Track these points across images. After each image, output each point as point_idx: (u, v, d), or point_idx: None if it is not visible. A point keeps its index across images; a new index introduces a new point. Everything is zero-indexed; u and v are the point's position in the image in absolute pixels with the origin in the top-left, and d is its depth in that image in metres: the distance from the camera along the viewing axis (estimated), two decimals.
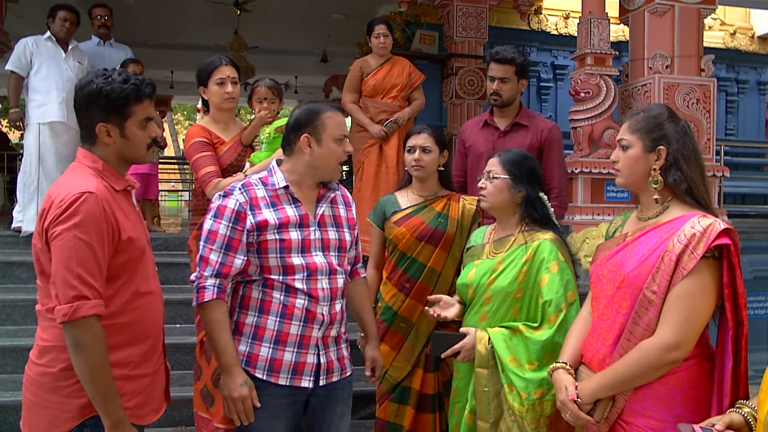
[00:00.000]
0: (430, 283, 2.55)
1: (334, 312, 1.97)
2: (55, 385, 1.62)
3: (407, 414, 2.57)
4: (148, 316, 1.75)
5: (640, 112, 1.76)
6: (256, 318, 1.92)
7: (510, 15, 7.06)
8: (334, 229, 2.02)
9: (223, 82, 2.75)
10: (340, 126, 1.98)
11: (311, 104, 2.01)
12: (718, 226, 1.55)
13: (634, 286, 1.63)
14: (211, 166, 2.66)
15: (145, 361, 1.74)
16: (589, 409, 1.68)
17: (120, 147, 1.72)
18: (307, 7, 8.48)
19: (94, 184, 1.62)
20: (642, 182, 1.72)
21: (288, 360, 1.90)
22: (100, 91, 1.65)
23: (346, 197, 2.14)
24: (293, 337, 1.90)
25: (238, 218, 1.88)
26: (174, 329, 3.85)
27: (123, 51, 5.37)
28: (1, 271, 4.22)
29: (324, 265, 1.95)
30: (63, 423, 1.62)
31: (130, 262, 1.69)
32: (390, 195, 2.72)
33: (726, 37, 7.89)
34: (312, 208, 2.00)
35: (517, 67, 2.93)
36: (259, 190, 1.94)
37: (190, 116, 25.56)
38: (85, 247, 1.55)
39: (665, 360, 1.56)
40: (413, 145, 2.57)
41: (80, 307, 1.53)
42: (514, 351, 2.02)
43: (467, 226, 2.58)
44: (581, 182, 4.56)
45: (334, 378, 2.00)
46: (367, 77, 4.41)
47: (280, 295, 1.90)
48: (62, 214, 1.56)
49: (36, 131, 4.56)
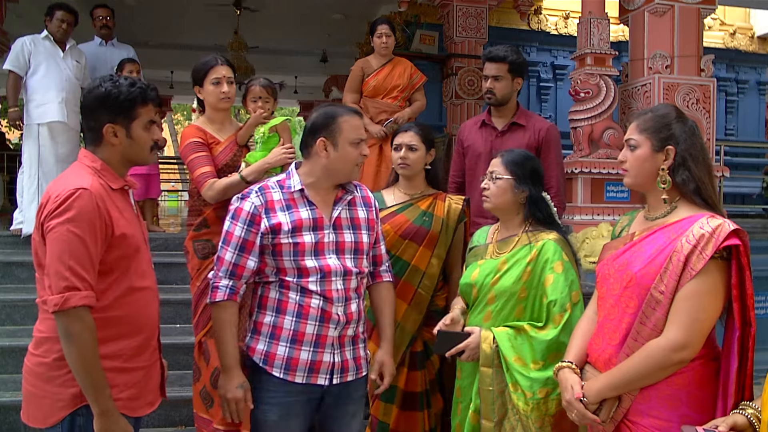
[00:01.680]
0: (414, 281, 2.56)
1: (350, 312, 1.98)
2: (49, 375, 1.69)
3: (393, 413, 2.58)
4: (142, 311, 1.80)
5: (648, 112, 1.76)
6: (274, 318, 1.95)
7: (510, 15, 7.06)
8: (350, 231, 2.02)
9: (219, 82, 2.73)
10: (357, 129, 1.98)
11: (328, 107, 2.03)
12: (727, 227, 1.55)
13: (642, 286, 1.62)
14: (207, 166, 2.66)
15: (138, 354, 1.79)
16: (594, 408, 1.68)
17: (125, 148, 1.79)
18: (307, 7, 8.47)
19: (90, 181, 1.69)
20: (650, 182, 1.72)
21: (304, 359, 1.92)
22: (109, 94, 1.73)
23: (368, 198, 2.14)
24: (309, 337, 1.92)
25: (252, 221, 1.92)
26: (174, 329, 3.85)
27: (125, 51, 5.35)
28: (1, 271, 4.22)
29: (338, 267, 1.95)
30: (57, 411, 1.68)
31: (123, 257, 1.74)
32: (377, 193, 2.71)
33: (726, 37, 7.90)
34: (328, 211, 2.00)
35: (510, 65, 2.94)
36: (275, 193, 1.97)
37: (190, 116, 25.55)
38: (77, 240, 1.61)
39: (672, 360, 1.56)
40: (400, 143, 2.58)
41: (71, 297, 1.59)
42: (519, 350, 2.02)
43: (453, 225, 2.59)
44: (581, 182, 4.56)
45: (350, 377, 2.01)
46: (369, 77, 4.41)
47: (296, 296, 1.93)
48: (57, 208, 1.62)
49: (35, 131, 4.54)
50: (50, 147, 4.53)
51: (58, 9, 4.68)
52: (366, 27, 5.40)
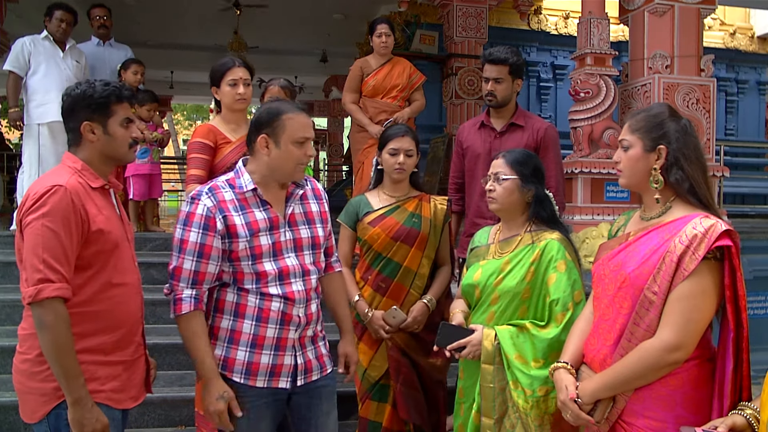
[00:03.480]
0: (406, 282, 2.58)
1: (309, 313, 1.96)
2: (32, 371, 1.73)
3: (386, 411, 2.60)
4: (121, 306, 1.83)
5: (641, 112, 1.76)
6: (232, 322, 1.90)
7: (510, 15, 7.06)
8: (306, 227, 1.99)
9: (236, 84, 2.81)
10: (303, 128, 1.89)
11: (274, 103, 1.95)
12: (719, 227, 1.54)
13: (635, 286, 1.62)
14: (199, 169, 2.72)
15: (118, 349, 1.82)
16: (589, 409, 1.68)
17: (103, 144, 1.84)
18: (307, 7, 8.47)
19: (67, 179, 1.74)
20: (644, 182, 1.72)
21: (265, 363, 1.89)
22: (84, 93, 1.81)
23: (317, 190, 2.09)
24: (270, 340, 1.89)
25: (208, 224, 1.84)
26: (174, 329, 3.78)
27: (123, 51, 5.36)
28: (1, 271, 4.22)
29: (296, 267, 1.93)
30: (42, 406, 1.72)
31: (101, 253, 1.78)
32: (361, 196, 2.73)
33: (726, 37, 7.89)
34: (281, 208, 1.96)
35: (511, 66, 2.94)
36: (226, 193, 1.89)
37: (190, 116, 25.55)
38: (51, 234, 1.66)
39: (666, 361, 1.56)
40: (398, 147, 2.57)
41: (44, 289, 1.64)
42: (521, 348, 2.02)
43: (440, 225, 2.64)
44: (581, 182, 4.56)
45: (314, 377, 1.99)
46: (368, 77, 4.41)
47: (255, 299, 1.88)
48: (33, 205, 1.69)
49: (35, 131, 4.56)
50: (50, 147, 4.55)
51: (57, 9, 4.69)
52: (366, 27, 5.40)
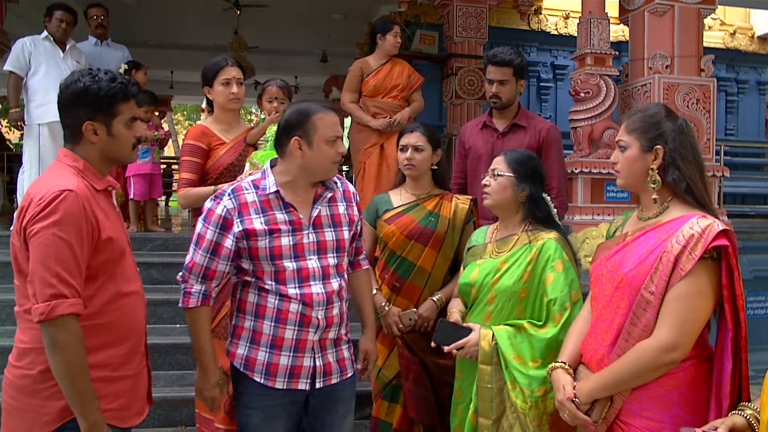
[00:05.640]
0: (420, 282, 2.55)
1: (330, 316, 1.94)
2: (35, 388, 1.59)
3: (397, 412, 2.58)
4: (129, 316, 1.72)
5: (638, 113, 1.76)
6: (253, 322, 1.92)
7: (510, 15, 7.06)
8: (331, 229, 1.98)
9: (229, 83, 2.75)
10: (333, 127, 1.90)
11: (302, 104, 1.93)
12: (716, 227, 1.54)
13: (632, 286, 1.62)
14: (191, 173, 2.69)
15: (126, 362, 1.71)
16: (586, 408, 1.68)
17: (106, 146, 1.70)
18: (307, 7, 8.48)
19: (75, 182, 1.60)
20: (641, 183, 1.72)
21: (284, 364, 1.90)
22: (87, 90, 1.63)
23: (348, 192, 2.07)
24: (288, 341, 1.89)
25: (224, 225, 1.86)
26: (174, 329, 3.85)
27: (120, 51, 5.36)
28: (1, 271, 4.22)
29: (317, 270, 1.92)
30: (42, 426, 1.59)
31: (109, 262, 1.66)
32: (384, 194, 2.72)
33: (726, 37, 7.89)
34: (307, 210, 1.95)
35: (515, 68, 2.93)
36: (249, 195, 1.90)
37: (190, 116, 25.55)
38: (63, 245, 1.52)
39: (662, 361, 1.56)
40: (406, 143, 2.57)
41: (58, 305, 1.50)
42: (518, 348, 2.02)
43: (460, 225, 2.57)
44: (581, 182, 4.56)
45: (333, 380, 1.98)
46: (368, 77, 4.42)
47: (274, 300, 1.89)
48: (41, 211, 1.53)
49: (36, 131, 4.56)
50: (51, 147, 4.55)
51: (56, 9, 4.69)
52: (366, 27, 5.41)
